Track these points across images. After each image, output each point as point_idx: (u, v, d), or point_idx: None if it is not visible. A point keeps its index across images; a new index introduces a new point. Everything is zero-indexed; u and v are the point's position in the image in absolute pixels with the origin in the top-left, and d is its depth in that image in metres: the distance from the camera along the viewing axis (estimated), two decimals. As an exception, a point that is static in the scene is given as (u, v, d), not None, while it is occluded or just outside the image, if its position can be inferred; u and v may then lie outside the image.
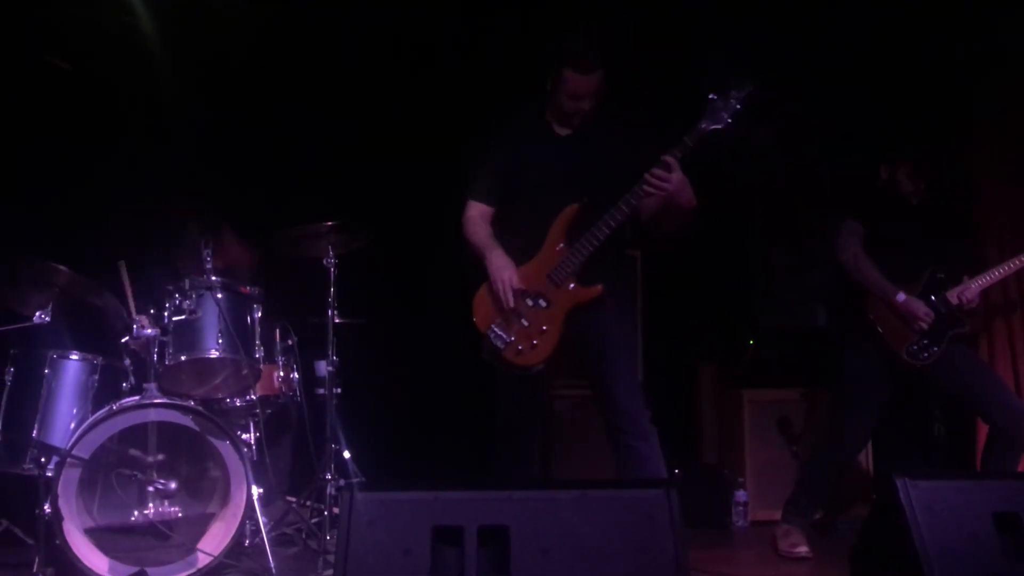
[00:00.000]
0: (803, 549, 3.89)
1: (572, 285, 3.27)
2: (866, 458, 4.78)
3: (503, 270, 3.29)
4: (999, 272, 3.97)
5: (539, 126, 3.46)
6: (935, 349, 3.81)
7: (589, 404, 3.75)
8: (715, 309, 5.51)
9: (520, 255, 3.37)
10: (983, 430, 4.36)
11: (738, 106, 3.15)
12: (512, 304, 3.27)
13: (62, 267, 3.40)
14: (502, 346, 3.28)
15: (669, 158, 3.14)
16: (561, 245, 3.29)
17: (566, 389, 4.67)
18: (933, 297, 3.87)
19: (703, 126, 3.16)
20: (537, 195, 3.39)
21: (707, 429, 5.30)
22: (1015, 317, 4.73)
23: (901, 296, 3.84)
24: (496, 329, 3.29)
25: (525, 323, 3.28)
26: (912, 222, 3.98)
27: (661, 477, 3.25)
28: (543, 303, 3.28)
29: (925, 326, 3.81)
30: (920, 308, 3.82)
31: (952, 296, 3.88)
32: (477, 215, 3.47)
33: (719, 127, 3.14)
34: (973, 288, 3.90)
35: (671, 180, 3.13)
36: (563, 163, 3.37)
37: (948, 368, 3.84)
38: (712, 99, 3.16)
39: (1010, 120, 4.80)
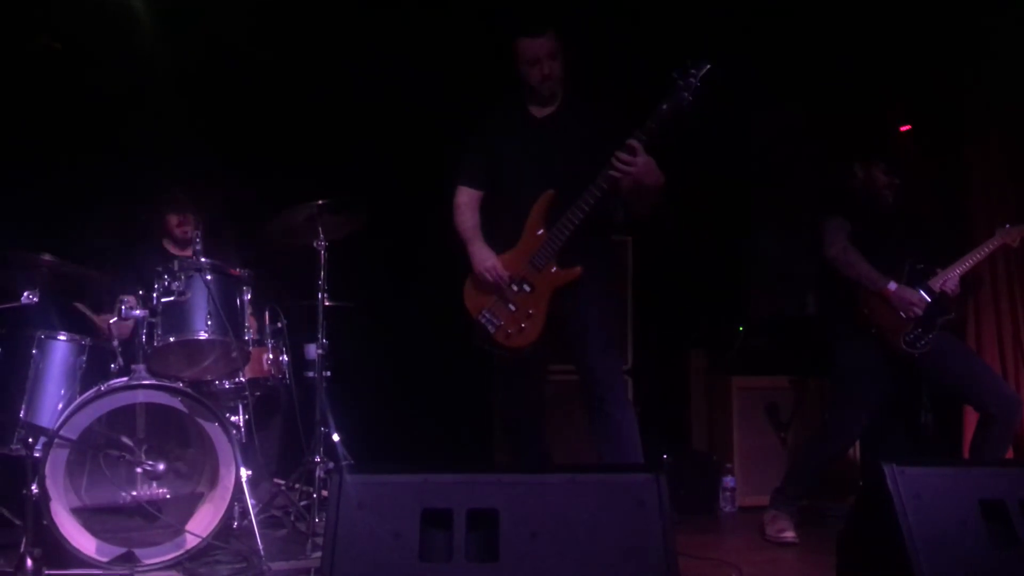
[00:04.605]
0: (790, 534, 3.92)
1: (553, 269, 3.38)
2: (854, 446, 4.80)
3: (485, 260, 3.43)
4: (974, 258, 4.00)
5: (518, 112, 3.57)
6: (930, 336, 3.84)
7: (575, 388, 3.78)
8: (705, 296, 5.52)
9: (503, 241, 3.47)
10: (970, 418, 4.39)
11: (697, 84, 3.21)
12: (508, 283, 3.38)
13: (46, 256, 3.37)
14: (493, 330, 3.40)
15: (633, 142, 3.24)
16: (541, 231, 3.40)
17: (554, 374, 4.67)
18: (916, 287, 3.90)
19: (664, 108, 3.22)
20: (515, 181, 3.49)
21: (696, 415, 5.31)
22: (1003, 302, 4.76)
23: (892, 285, 3.86)
24: (486, 314, 3.42)
25: (512, 308, 3.40)
26: (890, 217, 4.03)
27: (636, 446, 3.34)
28: (527, 287, 3.40)
29: (920, 311, 3.83)
30: (913, 294, 3.85)
31: (935, 284, 3.91)
32: (465, 202, 3.60)
33: (681, 107, 3.21)
34: (953, 275, 3.93)
35: (636, 163, 3.23)
36: (539, 149, 3.47)
37: (938, 357, 3.87)
38: (673, 78, 3.23)
39: (1001, 110, 4.81)
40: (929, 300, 3.86)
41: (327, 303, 3.97)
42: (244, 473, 3.38)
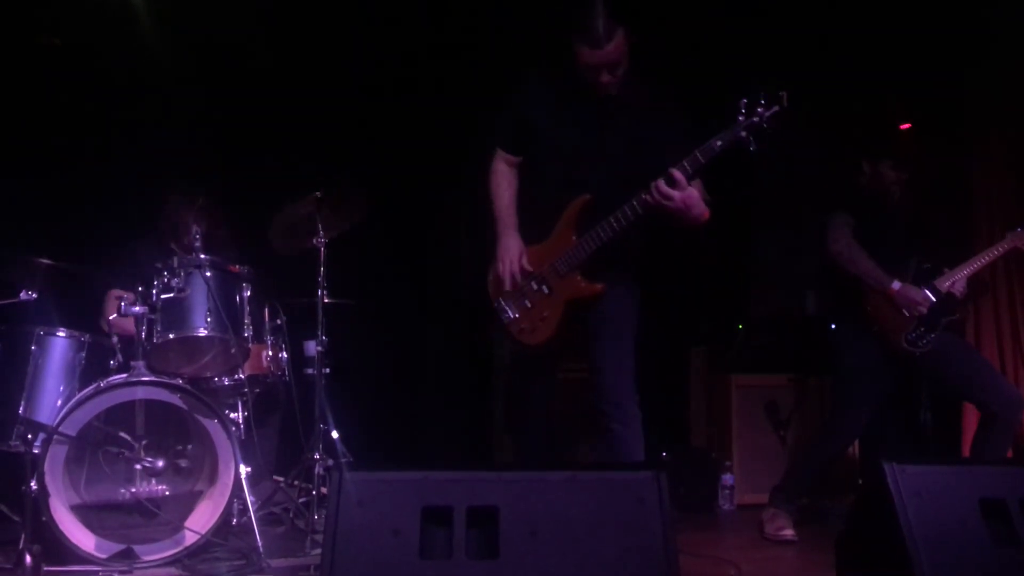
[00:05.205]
0: (789, 532, 3.92)
1: (576, 277, 3.22)
2: (854, 444, 4.81)
3: (508, 251, 3.26)
4: (982, 260, 3.99)
5: (573, 90, 3.19)
6: (932, 336, 3.83)
7: (578, 386, 3.75)
8: (705, 295, 5.52)
9: (532, 229, 3.30)
10: (969, 417, 4.39)
11: (764, 126, 2.87)
12: (513, 286, 3.26)
13: (44, 260, 3.36)
14: (507, 321, 3.30)
15: (675, 172, 2.93)
16: (573, 236, 3.21)
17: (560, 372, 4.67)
18: (922, 286, 3.89)
19: (718, 144, 2.90)
20: (550, 167, 3.27)
21: (696, 413, 5.32)
22: (1001, 300, 4.77)
23: (896, 284, 3.85)
24: (503, 302, 3.31)
25: (528, 304, 3.28)
26: (897, 214, 4.01)
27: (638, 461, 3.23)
28: (545, 289, 3.26)
29: (925, 310, 3.83)
30: (918, 293, 3.85)
31: (942, 284, 3.90)
32: (503, 170, 3.35)
33: (738, 147, 2.89)
34: (961, 277, 3.92)
35: (673, 197, 2.95)
36: (583, 141, 3.20)
37: (940, 356, 3.87)
38: (737, 110, 2.89)
39: (1001, 111, 4.82)
40: (934, 300, 3.85)
41: (327, 300, 3.96)
42: (243, 470, 3.37)
